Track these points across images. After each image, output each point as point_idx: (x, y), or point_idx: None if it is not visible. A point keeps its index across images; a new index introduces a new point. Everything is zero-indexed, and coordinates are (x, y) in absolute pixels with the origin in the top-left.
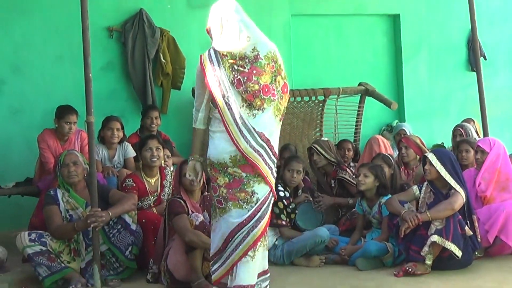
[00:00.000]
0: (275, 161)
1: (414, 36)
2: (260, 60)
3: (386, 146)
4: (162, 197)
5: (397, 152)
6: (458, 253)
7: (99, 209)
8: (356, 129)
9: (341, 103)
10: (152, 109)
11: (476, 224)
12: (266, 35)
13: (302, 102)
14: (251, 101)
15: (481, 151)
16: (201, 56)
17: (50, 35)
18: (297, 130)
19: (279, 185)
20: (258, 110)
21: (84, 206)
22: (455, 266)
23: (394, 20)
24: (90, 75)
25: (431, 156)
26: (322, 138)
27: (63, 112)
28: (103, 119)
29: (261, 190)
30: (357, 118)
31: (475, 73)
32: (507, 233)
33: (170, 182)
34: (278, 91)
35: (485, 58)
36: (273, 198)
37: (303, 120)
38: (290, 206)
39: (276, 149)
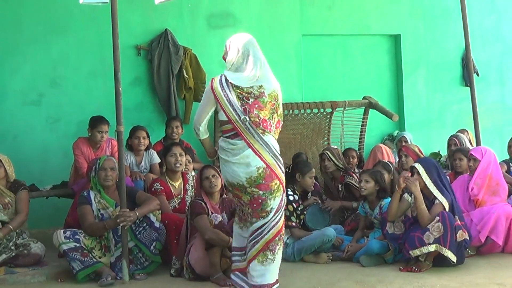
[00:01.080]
0: (284, 171)
1: (414, 54)
2: (264, 97)
3: (389, 154)
4: (186, 199)
5: (398, 159)
6: (454, 259)
7: (127, 209)
8: (360, 138)
9: (347, 114)
10: (174, 120)
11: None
12: (278, 53)
13: (312, 114)
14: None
15: (474, 159)
16: (212, 80)
17: (84, 52)
18: (307, 139)
19: (288, 189)
20: (263, 133)
21: (114, 206)
22: (450, 263)
23: (395, 40)
24: (120, 89)
25: (418, 166)
26: (332, 146)
27: (96, 122)
28: (131, 128)
29: (275, 203)
30: (361, 129)
31: (469, 88)
32: (497, 233)
33: (192, 185)
34: (273, 127)
35: (478, 75)
36: (285, 203)
37: (312, 130)
38: (299, 208)
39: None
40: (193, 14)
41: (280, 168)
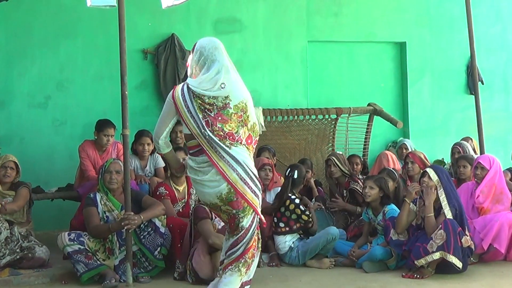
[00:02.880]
0: (260, 187)
1: (419, 62)
2: (228, 108)
3: (395, 161)
4: (190, 203)
5: (401, 164)
6: (459, 264)
7: (132, 213)
8: (365, 145)
9: (351, 121)
10: (177, 124)
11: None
12: (285, 59)
13: (317, 120)
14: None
15: (481, 168)
16: (174, 88)
17: (91, 56)
18: (311, 145)
19: (291, 194)
20: (230, 145)
21: (120, 209)
22: (453, 270)
23: (401, 47)
24: (126, 92)
25: (429, 171)
26: (338, 152)
27: (102, 125)
28: (136, 133)
29: (246, 221)
30: (366, 135)
31: (473, 96)
32: (500, 241)
33: None
34: (243, 141)
35: (482, 83)
36: (257, 223)
37: (317, 136)
38: (306, 212)
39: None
40: (200, 19)
41: (249, 186)
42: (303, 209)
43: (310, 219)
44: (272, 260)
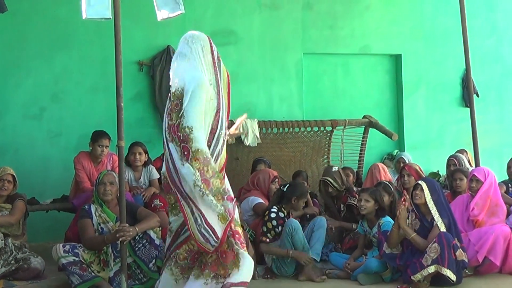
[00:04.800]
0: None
1: (414, 74)
2: (171, 98)
3: (386, 172)
4: None
5: (395, 178)
6: (453, 277)
7: (127, 224)
8: (360, 157)
9: (347, 133)
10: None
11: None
12: (280, 71)
13: (312, 132)
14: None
15: (476, 180)
16: None
17: (87, 67)
18: (306, 157)
19: (274, 207)
20: (168, 142)
21: (114, 221)
22: (448, 283)
23: (396, 60)
24: (122, 104)
25: (422, 183)
26: (333, 169)
27: (97, 136)
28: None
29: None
30: (361, 147)
31: (468, 108)
32: (495, 254)
33: None
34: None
35: (477, 95)
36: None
37: (312, 148)
38: (280, 227)
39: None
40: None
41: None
42: (274, 224)
43: (276, 237)
44: (267, 272)
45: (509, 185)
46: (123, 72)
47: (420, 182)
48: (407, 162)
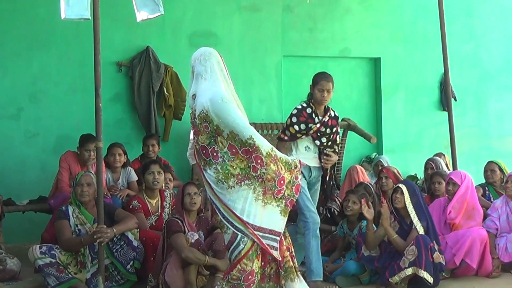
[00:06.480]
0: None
1: (393, 78)
2: (195, 119)
3: (364, 174)
4: (163, 217)
5: (374, 181)
6: (430, 279)
7: (105, 226)
8: (338, 160)
9: None
10: (150, 138)
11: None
12: (260, 73)
13: None
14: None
15: (453, 183)
16: None
17: (65, 67)
18: None
19: (303, 102)
20: (203, 168)
21: (92, 222)
22: (425, 285)
23: (375, 63)
24: (100, 104)
25: (402, 186)
26: None
27: (83, 140)
28: (108, 145)
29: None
30: (339, 150)
31: (446, 112)
32: (471, 257)
33: (169, 203)
34: (224, 152)
35: (455, 99)
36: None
37: None
38: (302, 125)
39: None
40: (175, 33)
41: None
42: (294, 120)
43: (298, 135)
44: None
45: (486, 188)
46: (102, 73)
47: (400, 185)
48: (385, 165)
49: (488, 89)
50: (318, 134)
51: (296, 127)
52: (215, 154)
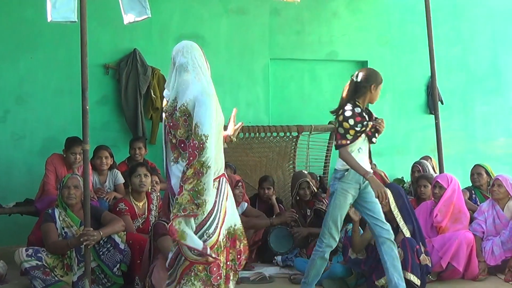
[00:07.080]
0: None
1: None
2: (175, 112)
3: None
4: (150, 219)
5: None
6: (417, 282)
7: (91, 228)
8: (325, 162)
9: (312, 139)
10: (136, 141)
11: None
12: (247, 76)
13: (278, 137)
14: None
15: (440, 186)
16: None
17: (52, 70)
18: (272, 162)
19: (348, 104)
20: (172, 161)
21: (79, 225)
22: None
23: (362, 66)
24: (87, 107)
25: (387, 191)
26: (304, 171)
27: (69, 143)
28: (95, 148)
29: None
30: (326, 153)
31: (433, 115)
32: (458, 260)
33: (156, 206)
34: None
35: (442, 103)
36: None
37: (278, 153)
38: (359, 125)
39: None
40: (162, 35)
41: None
42: (352, 123)
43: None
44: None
45: (473, 191)
46: (89, 75)
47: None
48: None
49: (475, 93)
50: (372, 130)
51: (356, 128)
52: (189, 150)
